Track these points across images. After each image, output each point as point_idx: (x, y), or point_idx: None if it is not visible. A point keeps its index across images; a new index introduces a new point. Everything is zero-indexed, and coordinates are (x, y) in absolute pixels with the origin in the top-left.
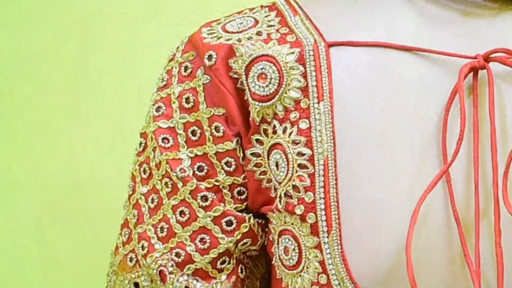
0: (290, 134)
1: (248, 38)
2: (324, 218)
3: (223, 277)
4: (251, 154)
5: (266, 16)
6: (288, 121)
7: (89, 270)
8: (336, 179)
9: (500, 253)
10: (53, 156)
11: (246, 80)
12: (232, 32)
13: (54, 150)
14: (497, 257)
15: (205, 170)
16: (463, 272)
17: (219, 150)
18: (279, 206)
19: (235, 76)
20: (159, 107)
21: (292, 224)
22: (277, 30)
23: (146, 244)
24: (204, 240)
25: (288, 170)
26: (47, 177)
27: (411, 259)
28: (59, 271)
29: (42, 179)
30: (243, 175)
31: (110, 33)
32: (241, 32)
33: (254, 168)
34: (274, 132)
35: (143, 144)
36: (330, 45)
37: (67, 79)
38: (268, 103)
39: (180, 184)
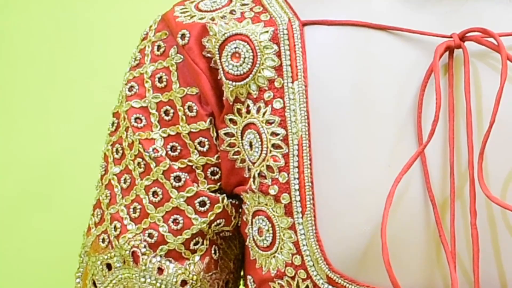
0: (264, 113)
1: (222, 17)
2: (298, 198)
3: (196, 258)
4: (225, 134)
5: None
6: (262, 100)
7: (65, 252)
8: (310, 159)
9: (475, 235)
10: (28, 136)
11: (220, 59)
12: (206, 11)
13: (30, 130)
14: (473, 238)
15: (178, 150)
16: (438, 253)
17: (192, 130)
18: (253, 187)
19: (209, 55)
20: (131, 86)
21: (266, 204)
22: (251, 9)
23: (118, 224)
24: (177, 220)
25: (262, 150)
26: (22, 158)
27: (386, 242)
28: (36, 252)
29: (17, 159)
30: (216, 155)
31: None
32: (214, 10)
33: (228, 148)
34: (248, 111)
35: (115, 124)
36: (304, 24)
37: (43, 56)
38: (242, 82)
39: (153, 164)
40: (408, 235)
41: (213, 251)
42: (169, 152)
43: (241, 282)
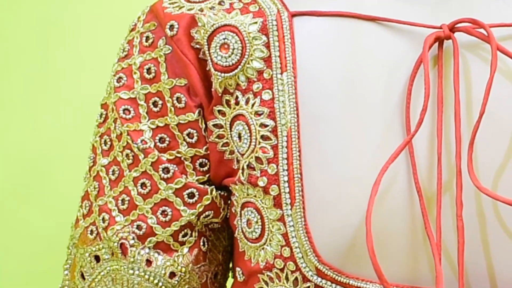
0: (253, 105)
1: (210, 8)
2: (287, 190)
3: (185, 250)
4: (213, 125)
5: None
6: (251, 92)
7: (53, 243)
8: (299, 151)
9: (461, 226)
10: (16, 128)
11: (208, 50)
12: (194, 2)
13: (18, 122)
14: (458, 230)
15: (167, 142)
16: (424, 244)
17: (180, 122)
18: (242, 178)
19: (197, 46)
20: (120, 77)
21: (255, 196)
22: (240, 0)
23: (107, 216)
24: (166, 212)
25: (250, 141)
26: (11, 150)
27: (370, 231)
28: (24, 244)
29: (5, 151)
30: (205, 147)
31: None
32: (203, 1)
33: (216, 139)
34: (237, 103)
35: (103, 115)
36: (294, 15)
37: (32, 48)
38: (231, 73)
39: (141, 156)
40: (394, 226)
41: (201, 243)
42: (158, 144)
43: (230, 274)
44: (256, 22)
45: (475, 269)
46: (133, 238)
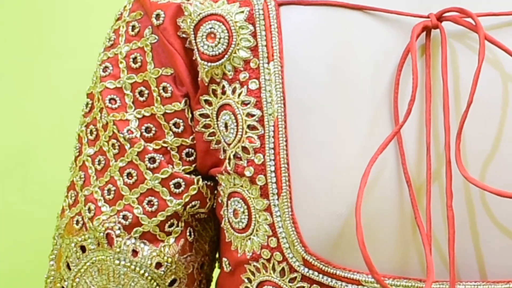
0: (239, 94)
1: None
2: (274, 180)
3: (171, 240)
4: (200, 115)
5: None
6: (237, 81)
7: (39, 234)
8: (286, 141)
9: (451, 216)
10: (2, 117)
11: (195, 39)
12: None
13: (4, 111)
14: (448, 220)
15: (153, 131)
16: (414, 235)
17: (167, 111)
18: (228, 168)
19: (184, 35)
20: (106, 67)
21: (242, 186)
22: None
23: (92, 206)
24: (152, 202)
25: (237, 131)
26: None
27: (360, 222)
28: (9, 234)
29: None
30: (191, 137)
31: None
32: None
33: (203, 129)
34: (223, 92)
35: (89, 105)
36: (280, 4)
37: (19, 37)
38: (217, 63)
39: (127, 146)
40: (383, 217)
41: (188, 233)
42: (144, 133)
43: (217, 264)
44: (242, 11)
45: (464, 259)
46: (119, 228)
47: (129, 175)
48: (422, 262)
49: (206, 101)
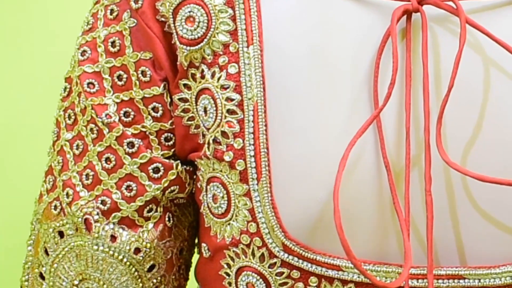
0: (218, 79)
1: None
2: (253, 165)
3: (150, 225)
4: (179, 99)
5: None
6: (216, 65)
7: (17, 219)
8: (266, 125)
9: (430, 201)
10: None
11: (174, 23)
12: None
13: None
14: (427, 205)
15: (132, 116)
16: (392, 220)
17: (145, 95)
18: (208, 153)
19: (162, 19)
20: (84, 51)
21: (221, 171)
22: None
23: (71, 191)
24: (131, 187)
25: (216, 115)
26: None
27: (338, 206)
28: None
29: None
30: (170, 121)
31: None
32: None
33: (182, 113)
34: (202, 76)
35: (67, 89)
36: None
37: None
38: (196, 47)
39: (105, 130)
40: (362, 201)
41: (167, 219)
42: (122, 118)
43: (196, 250)
44: None
45: (443, 245)
46: (98, 214)
47: (107, 159)
48: (401, 247)
49: (185, 85)
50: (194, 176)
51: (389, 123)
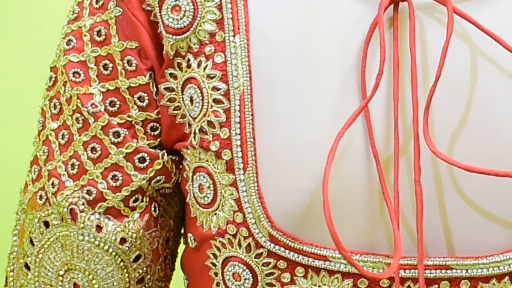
0: (205, 68)
1: None
2: (240, 154)
3: (136, 215)
4: (165, 88)
5: None
6: (203, 54)
7: (2, 209)
8: (252, 115)
9: (419, 191)
10: None
11: (160, 12)
12: None
13: None
14: (417, 195)
15: (117, 105)
16: (381, 210)
17: (131, 85)
18: (194, 143)
19: (148, 8)
20: (69, 40)
21: (207, 161)
22: None
23: (56, 181)
24: (116, 177)
25: (202, 105)
26: None
27: (327, 197)
28: None
29: None
30: (156, 111)
31: None
32: None
33: (168, 103)
34: (189, 66)
35: (53, 78)
36: None
37: None
38: (182, 36)
39: (91, 120)
40: (350, 192)
41: (152, 209)
42: (108, 107)
43: (182, 240)
44: None
45: (432, 235)
46: (83, 204)
47: (93, 149)
48: (389, 237)
49: (171, 74)
50: (180, 166)
51: (377, 113)
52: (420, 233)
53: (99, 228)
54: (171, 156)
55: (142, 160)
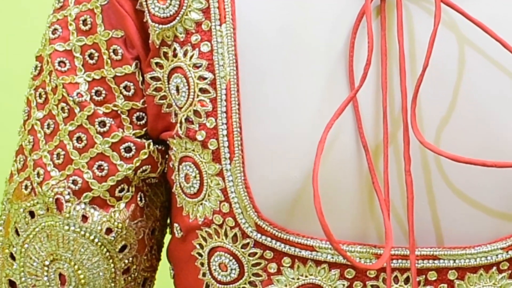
0: (191, 57)
1: None
2: (226, 144)
3: (122, 205)
4: (151, 78)
5: None
6: (189, 44)
7: None
8: (238, 104)
9: (409, 181)
10: None
11: (146, 1)
12: None
13: None
14: (407, 185)
15: (103, 95)
16: (371, 200)
17: (117, 74)
18: (180, 132)
19: None
20: (55, 29)
21: (193, 150)
22: None
23: (41, 171)
24: (102, 167)
25: (189, 94)
26: None
27: (318, 189)
28: None
29: None
30: (142, 100)
31: None
32: None
33: (154, 92)
34: (175, 55)
35: (38, 68)
36: None
37: None
38: (168, 25)
39: (77, 109)
40: (340, 182)
41: (138, 198)
42: (94, 97)
43: (168, 230)
44: None
45: (421, 225)
46: (69, 193)
47: (78, 139)
48: (378, 227)
49: (157, 64)
50: (166, 156)
51: (365, 103)
52: (411, 223)
53: (84, 218)
54: (157, 146)
55: (128, 149)
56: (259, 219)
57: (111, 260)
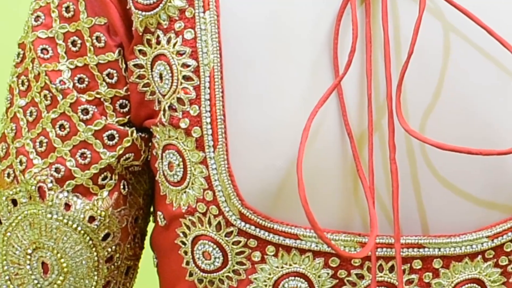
0: (174, 44)
1: None
2: (210, 132)
3: (105, 193)
4: (134, 65)
5: None
6: (172, 31)
7: None
8: (222, 92)
9: (394, 169)
10: None
11: None
12: None
13: None
14: (392, 173)
15: (86, 82)
16: (355, 188)
17: (100, 61)
18: (163, 120)
19: None
20: (38, 16)
21: (177, 138)
22: None
23: (24, 159)
24: (85, 155)
25: (172, 82)
26: None
27: (302, 177)
28: None
29: None
30: (125, 87)
31: None
32: None
33: (137, 80)
34: (158, 42)
35: (21, 55)
36: None
37: None
38: (152, 12)
39: (59, 97)
40: (324, 170)
41: (121, 186)
42: (77, 84)
43: (151, 218)
44: None
45: (406, 213)
46: (51, 182)
47: (61, 127)
48: (363, 216)
49: (140, 51)
50: (150, 144)
51: (350, 90)
52: (396, 212)
53: (67, 206)
54: (140, 134)
55: (111, 137)
56: (243, 207)
57: (94, 249)
